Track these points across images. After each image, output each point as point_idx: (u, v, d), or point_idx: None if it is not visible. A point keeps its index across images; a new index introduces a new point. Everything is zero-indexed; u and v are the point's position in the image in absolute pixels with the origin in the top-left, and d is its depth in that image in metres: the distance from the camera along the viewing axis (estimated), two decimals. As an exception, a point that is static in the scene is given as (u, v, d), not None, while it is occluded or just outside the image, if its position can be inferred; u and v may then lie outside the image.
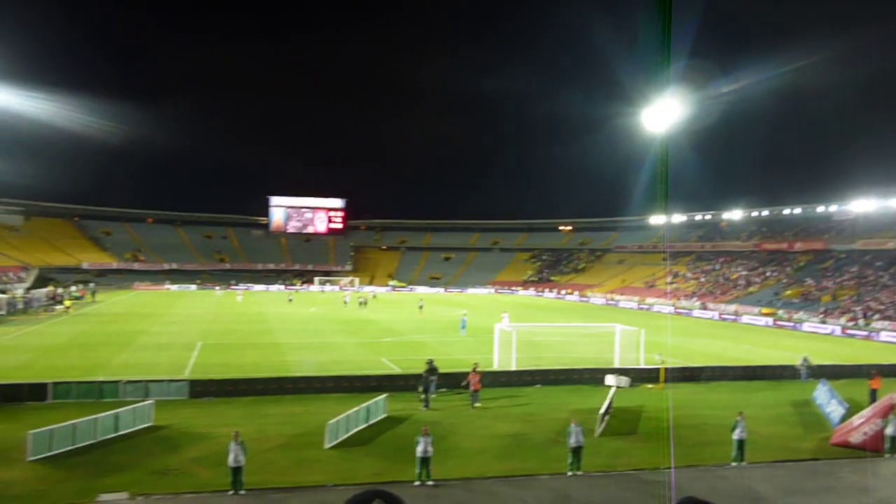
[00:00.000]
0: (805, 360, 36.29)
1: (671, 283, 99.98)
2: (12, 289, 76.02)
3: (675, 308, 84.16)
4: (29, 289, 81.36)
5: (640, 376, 34.01)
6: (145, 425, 23.51)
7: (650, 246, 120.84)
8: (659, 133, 59.98)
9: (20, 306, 64.68)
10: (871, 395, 29.60)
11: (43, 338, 45.71)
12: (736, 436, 21.14)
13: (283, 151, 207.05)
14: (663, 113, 59.14)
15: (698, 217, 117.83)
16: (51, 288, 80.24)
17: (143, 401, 25.04)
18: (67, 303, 67.52)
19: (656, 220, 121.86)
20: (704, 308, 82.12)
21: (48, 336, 46.64)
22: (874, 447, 22.48)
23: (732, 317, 74.33)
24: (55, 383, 27.53)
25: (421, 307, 72.01)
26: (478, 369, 29.25)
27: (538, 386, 32.01)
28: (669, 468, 19.77)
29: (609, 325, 40.66)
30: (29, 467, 19.15)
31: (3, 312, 59.69)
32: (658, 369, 34.14)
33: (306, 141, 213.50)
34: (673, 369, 34.72)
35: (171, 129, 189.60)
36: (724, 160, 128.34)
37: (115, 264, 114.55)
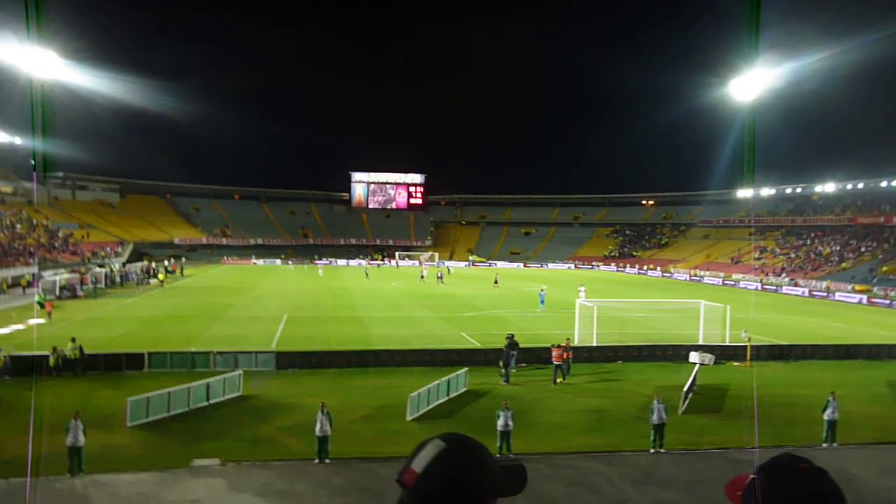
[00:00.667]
0: None
1: (759, 258, 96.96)
2: (110, 262, 79.69)
3: (763, 284, 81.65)
4: (125, 263, 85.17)
5: (726, 354, 33.24)
6: (235, 395, 24.42)
7: (736, 220, 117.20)
8: (747, 102, 58.00)
9: (117, 280, 67.67)
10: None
11: (139, 310, 47.81)
12: (827, 416, 20.48)
13: (365, 128, 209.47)
14: (751, 82, 57.14)
15: (788, 190, 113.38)
16: (145, 262, 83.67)
17: (232, 371, 26.00)
18: (161, 276, 70.33)
19: (743, 193, 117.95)
20: (794, 284, 79.41)
21: (144, 308, 48.76)
22: (978, 430, 21.45)
23: (824, 293, 71.68)
24: (151, 353, 28.84)
25: (496, 282, 71.74)
26: (559, 344, 29.12)
27: (620, 362, 31.68)
28: (756, 448, 19.32)
29: (693, 301, 39.79)
30: (129, 433, 20.18)
31: (102, 285, 62.60)
32: (745, 346, 33.29)
33: (388, 117, 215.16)
34: (760, 347, 33.81)
35: (256, 108, 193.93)
36: (816, 130, 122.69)
37: (204, 239, 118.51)
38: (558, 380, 27.87)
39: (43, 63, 60.48)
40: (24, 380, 26.14)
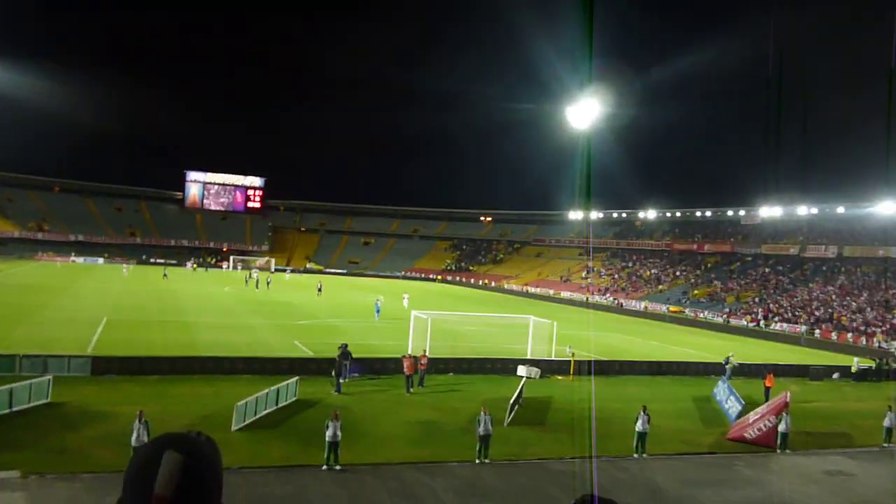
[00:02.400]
0: (728, 358, 37.46)
1: (585, 277, 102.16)
2: None
3: (588, 302, 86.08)
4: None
5: (551, 368, 34.68)
6: (42, 402, 22.56)
7: (567, 241, 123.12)
8: (581, 130, 61.09)
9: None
10: (765, 393, 31.10)
11: (-66, 307, 43.31)
12: (638, 428, 21.82)
13: (202, 126, 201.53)
14: (585, 110, 60.27)
15: (615, 214, 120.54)
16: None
17: (41, 376, 24.01)
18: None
19: (574, 215, 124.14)
20: (616, 304, 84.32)
21: (-60, 305, 44.23)
22: (767, 443, 23.58)
23: (642, 313, 76.65)
24: (-55, 355, 26.14)
25: (320, 290, 70.71)
26: (410, 354, 29.93)
27: (451, 374, 32.25)
28: (575, 458, 20.24)
29: (523, 317, 41.30)
30: (-88, 442, 18.14)
31: None
32: (569, 362, 34.87)
33: (226, 117, 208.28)
34: (583, 362, 35.53)
35: (85, 95, 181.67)
36: (641, 160, 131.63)
37: (17, 233, 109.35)
38: (411, 389, 28.20)
39: None
40: None
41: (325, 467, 18.46)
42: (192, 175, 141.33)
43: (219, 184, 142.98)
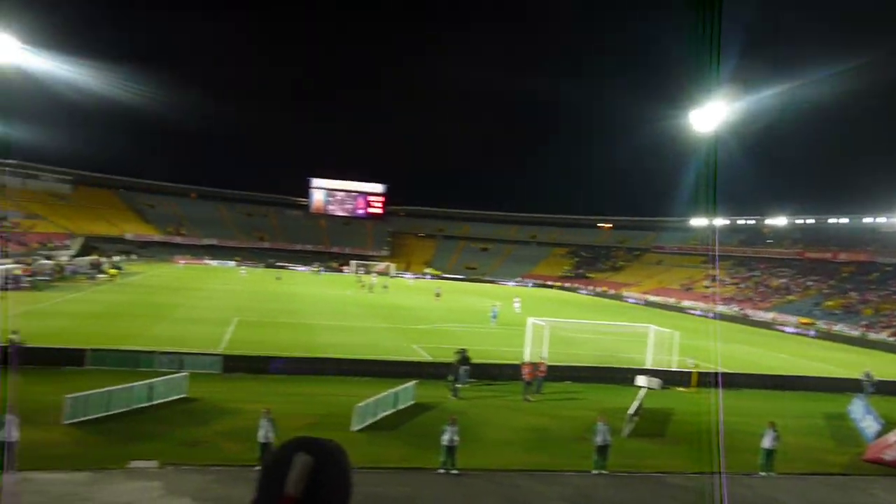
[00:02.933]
0: (868, 374, 35.36)
1: (709, 286, 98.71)
2: (57, 255, 77.85)
3: (712, 312, 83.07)
4: (73, 256, 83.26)
5: (672, 379, 33.73)
6: (178, 397, 23.96)
7: (689, 248, 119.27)
8: (705, 134, 59.16)
9: (65, 273, 66.10)
10: (908, 413, 29.08)
11: (84, 305, 46.76)
12: (765, 444, 20.86)
13: (327, 134, 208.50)
14: (710, 114, 58.31)
15: (741, 221, 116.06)
16: (94, 257, 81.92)
17: (177, 372, 25.54)
18: (112, 272, 68.95)
19: (697, 222, 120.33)
20: (742, 314, 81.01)
21: (89, 304, 47.69)
22: (908, 466, 22.05)
23: (770, 324, 73.28)
24: (93, 350, 28.17)
25: (438, 295, 71.44)
26: (529, 360, 30.04)
27: (568, 382, 31.90)
28: (695, 473, 19.60)
29: (643, 326, 40.32)
30: (65, 430, 19.65)
31: (48, 278, 61.08)
32: (690, 373, 33.82)
33: (350, 125, 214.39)
34: (706, 374, 34.35)
35: (219, 107, 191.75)
36: (770, 165, 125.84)
37: (157, 237, 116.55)
38: (529, 396, 28.14)
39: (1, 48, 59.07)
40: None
41: (441, 471, 18.68)
42: (317, 182, 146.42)
43: (342, 190, 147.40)
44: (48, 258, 72.08)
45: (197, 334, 36.75)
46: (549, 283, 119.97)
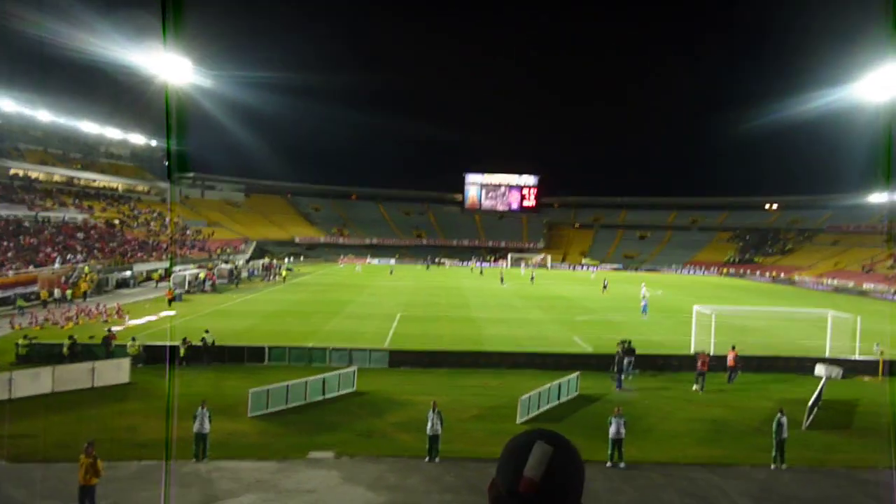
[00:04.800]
0: None
1: (892, 266, 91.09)
2: (234, 259, 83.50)
3: (899, 294, 76.66)
4: (248, 259, 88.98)
5: (855, 367, 31.43)
6: (349, 390, 25.10)
7: (869, 226, 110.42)
8: (883, 102, 54.67)
9: (243, 275, 70.75)
10: None
11: (261, 305, 49.88)
12: (969, 438, 19.06)
13: (480, 129, 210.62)
14: (886, 81, 53.76)
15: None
16: (267, 259, 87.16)
17: (347, 367, 26.77)
18: (285, 273, 73.25)
19: (878, 197, 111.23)
20: (934, 295, 74.14)
21: (265, 303, 50.81)
22: None
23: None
24: (271, 347, 30.07)
25: (605, 287, 69.69)
26: (704, 351, 29.28)
27: (739, 372, 30.49)
28: (888, 468, 18.20)
29: (820, 311, 37.86)
30: (250, 422, 21.10)
31: (226, 281, 65.59)
32: (876, 361, 31.38)
33: (502, 117, 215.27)
34: (894, 361, 31.75)
35: (372, 109, 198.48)
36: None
37: (322, 238, 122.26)
38: (694, 387, 27.50)
39: (177, 70, 64.06)
40: (156, 368, 27.80)
41: (609, 464, 18.43)
42: (471, 177, 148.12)
43: (495, 184, 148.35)
44: (226, 262, 77.48)
45: (364, 329, 38.26)
46: (713, 268, 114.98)
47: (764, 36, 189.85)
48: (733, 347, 30.01)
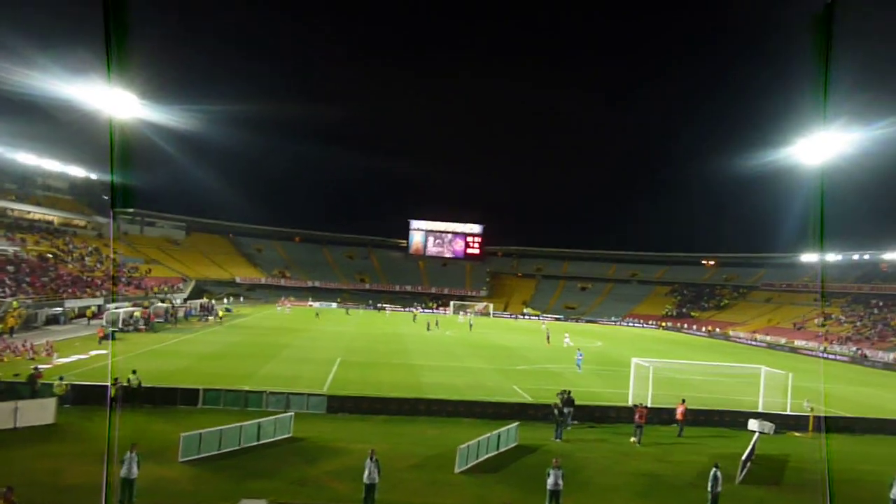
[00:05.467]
0: None
1: (823, 325, 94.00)
2: (171, 298, 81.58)
3: (827, 353, 79.00)
4: (186, 299, 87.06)
5: (787, 423, 32.11)
6: (285, 436, 24.52)
7: (800, 285, 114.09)
8: (815, 166, 57.00)
9: (179, 315, 69.08)
10: None
11: (197, 346, 48.68)
12: (894, 496, 19.50)
13: (427, 175, 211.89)
14: (821, 145, 56.18)
15: (856, 257, 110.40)
16: (205, 299, 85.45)
17: (284, 412, 26.20)
18: (222, 313, 71.76)
19: (808, 257, 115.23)
20: (860, 354, 76.60)
21: (202, 344, 49.62)
22: None
23: (891, 365, 68.98)
24: (205, 390, 29.23)
25: (548, 338, 69.62)
26: (641, 404, 29.72)
27: (675, 425, 30.84)
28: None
29: (754, 367, 38.72)
30: (180, 467, 20.38)
31: (162, 320, 63.97)
32: (807, 417, 32.14)
33: (448, 166, 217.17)
34: (823, 418, 32.57)
35: (320, 150, 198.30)
36: (886, 197, 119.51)
37: (264, 279, 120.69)
38: (632, 439, 27.63)
39: (121, 103, 63.22)
40: (84, 408, 26.75)
41: (545, 515, 18.31)
42: (416, 223, 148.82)
43: (440, 231, 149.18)
44: (163, 301, 75.65)
45: (302, 374, 37.61)
46: (651, 322, 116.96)
47: (705, 97, 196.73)
48: (683, 401, 30.53)
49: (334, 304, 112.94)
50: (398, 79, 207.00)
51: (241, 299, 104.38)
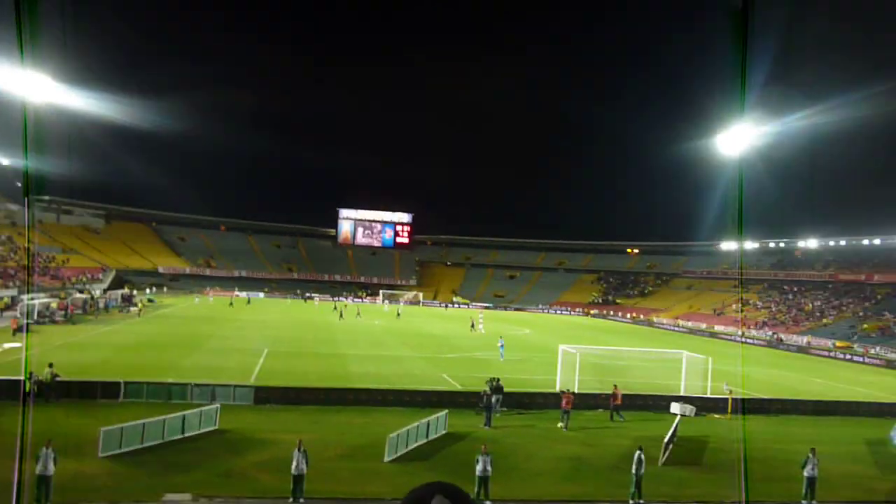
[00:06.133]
0: None
1: (741, 311, 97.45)
2: (90, 289, 78.93)
3: (745, 337, 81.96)
4: (106, 290, 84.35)
5: (707, 406, 33.19)
6: (211, 428, 24.04)
7: (720, 272, 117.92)
8: (732, 157, 58.82)
9: (99, 306, 66.93)
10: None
11: (118, 337, 47.28)
12: (806, 473, 20.37)
13: (354, 165, 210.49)
14: (738, 137, 58.02)
15: (771, 244, 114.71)
16: (126, 290, 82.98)
17: (209, 404, 25.66)
18: (140, 304, 69.80)
19: (727, 245, 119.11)
20: (776, 338, 79.75)
21: (123, 335, 48.21)
22: (956, 493, 21.41)
23: (805, 348, 72.07)
24: (127, 382, 28.40)
25: (473, 326, 69.99)
26: (568, 389, 30.07)
27: (601, 410, 31.51)
28: (737, 502, 19.18)
29: (675, 352, 39.86)
30: (100, 463, 19.77)
31: (81, 311, 61.89)
32: (725, 399, 33.28)
33: (377, 155, 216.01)
34: (741, 400, 33.79)
35: (244, 141, 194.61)
36: (800, 187, 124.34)
37: (188, 269, 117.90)
38: (560, 424, 27.99)
39: (36, 86, 60.61)
40: (-4, 404, 25.66)
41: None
42: (345, 212, 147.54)
43: (369, 220, 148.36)
44: (81, 292, 73.13)
45: (228, 365, 36.96)
46: (578, 309, 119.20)
47: (630, 89, 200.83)
48: (615, 386, 31.13)
49: (261, 294, 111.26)
50: (324, 66, 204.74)
51: (165, 289, 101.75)
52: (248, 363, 38.23)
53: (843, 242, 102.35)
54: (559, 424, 27.97)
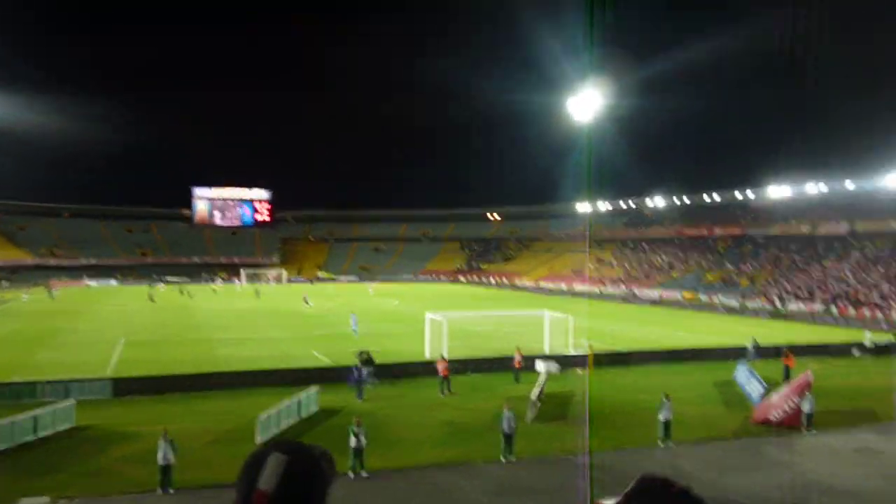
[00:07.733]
0: (755, 341, 37.39)
1: (597, 269, 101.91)
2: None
3: (602, 294, 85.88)
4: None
5: (570, 362, 34.53)
6: (67, 426, 22.69)
7: (577, 234, 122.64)
8: (583, 121, 60.99)
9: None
10: (784, 372, 30.98)
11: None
12: (661, 417, 21.76)
13: (207, 141, 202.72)
14: (587, 101, 60.17)
15: (623, 205, 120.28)
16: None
17: (63, 401, 24.16)
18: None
19: (583, 207, 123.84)
20: (631, 293, 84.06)
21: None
22: (792, 423, 23.42)
23: (657, 301, 76.48)
24: (-32, 385, 26.33)
25: (306, 301, 69.45)
26: (442, 357, 30.30)
27: (470, 373, 32.17)
28: (599, 451, 20.12)
29: (538, 312, 41.20)
30: (-57, 474, 18.28)
31: None
32: (587, 355, 34.76)
33: (231, 130, 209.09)
34: (602, 354, 35.41)
35: (86, 119, 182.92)
36: (647, 147, 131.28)
37: (29, 260, 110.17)
38: (445, 392, 28.32)
39: None
40: None
41: (351, 476, 18.44)
42: (199, 191, 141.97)
43: (226, 198, 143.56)
44: None
45: (82, 359, 34.98)
46: (443, 277, 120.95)
47: (484, 52, 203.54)
48: (518, 349, 31.95)
49: (113, 282, 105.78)
50: (165, 34, 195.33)
51: (4, 284, 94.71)
52: (104, 355, 36.36)
53: (687, 200, 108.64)
54: (439, 393, 28.28)
